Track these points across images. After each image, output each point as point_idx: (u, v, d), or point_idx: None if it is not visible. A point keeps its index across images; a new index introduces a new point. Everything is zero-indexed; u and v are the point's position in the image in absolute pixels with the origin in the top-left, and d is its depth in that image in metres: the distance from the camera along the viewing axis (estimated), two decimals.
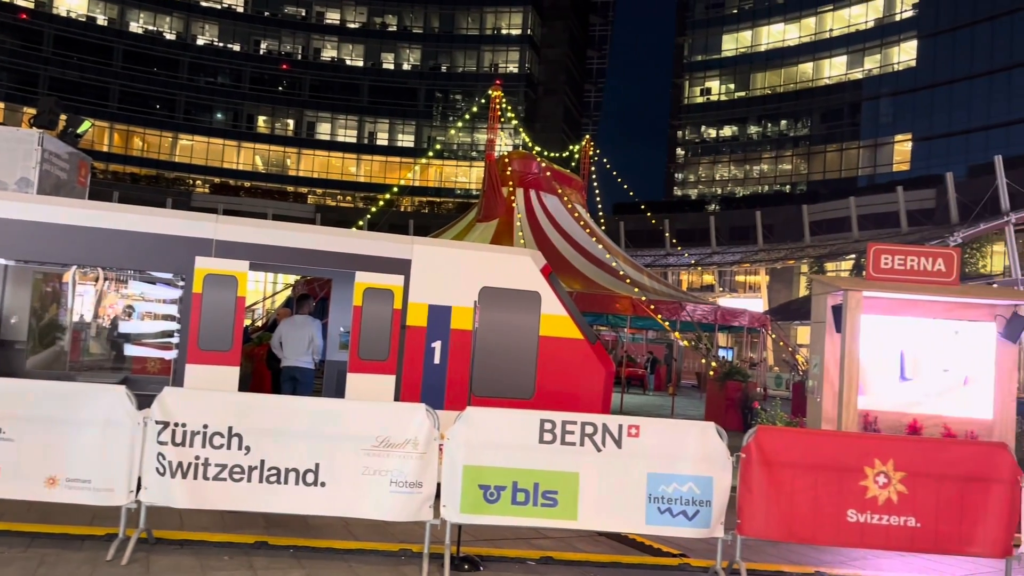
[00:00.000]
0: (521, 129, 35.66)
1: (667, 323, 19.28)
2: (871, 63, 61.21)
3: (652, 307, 18.18)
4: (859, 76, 61.80)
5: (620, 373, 26.34)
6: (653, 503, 6.01)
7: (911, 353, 9.65)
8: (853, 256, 40.30)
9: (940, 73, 56.42)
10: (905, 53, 59.14)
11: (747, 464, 6.00)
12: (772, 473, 5.95)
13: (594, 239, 21.66)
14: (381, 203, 28.05)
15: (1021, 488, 5.85)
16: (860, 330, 9.25)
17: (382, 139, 69.83)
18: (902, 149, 59.36)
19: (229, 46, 67.82)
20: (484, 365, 8.44)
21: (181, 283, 8.21)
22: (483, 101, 23.16)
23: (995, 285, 28.86)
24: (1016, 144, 49.43)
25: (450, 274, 8.76)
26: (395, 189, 31.77)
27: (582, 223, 22.12)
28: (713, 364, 20.24)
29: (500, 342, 8.65)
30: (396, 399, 8.39)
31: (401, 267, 8.61)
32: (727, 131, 68.25)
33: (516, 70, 69.04)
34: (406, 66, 70.25)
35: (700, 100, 69.47)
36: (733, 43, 68.22)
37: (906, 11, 59.30)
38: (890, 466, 5.90)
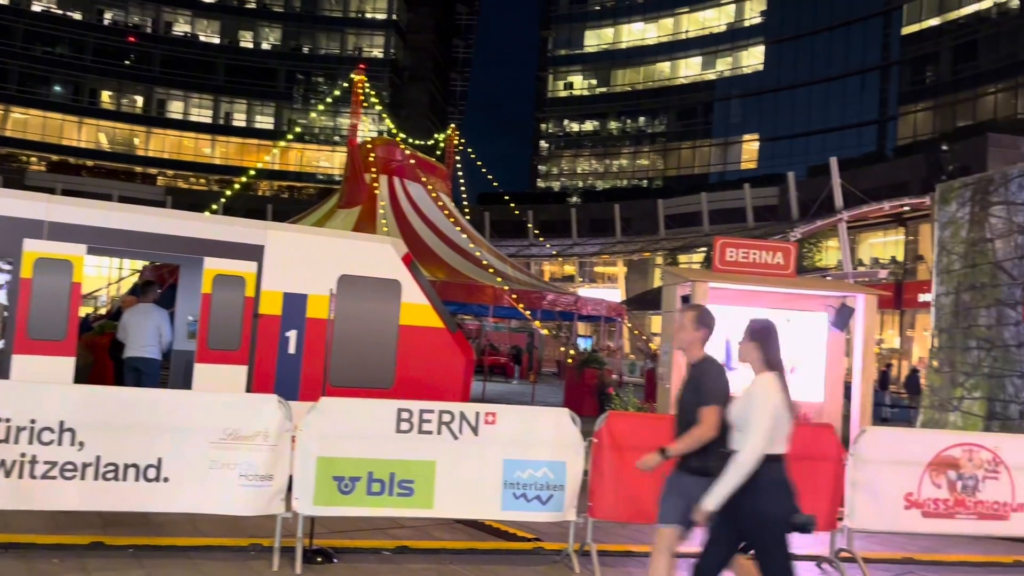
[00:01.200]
0: (385, 115, 35.22)
1: (529, 312, 19.58)
2: (723, 65, 64.31)
3: (515, 297, 18.40)
4: (712, 77, 64.78)
5: (483, 362, 26.61)
6: (509, 489, 6.10)
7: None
8: (704, 249, 42.27)
9: (784, 78, 60.03)
10: (753, 57, 62.52)
11: (598, 449, 6.18)
12: (622, 456, 6.16)
13: (458, 228, 21.67)
14: (237, 186, 26.96)
15: (845, 465, 6.33)
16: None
17: (239, 120, 67.11)
18: (750, 148, 62.79)
19: (69, 14, 63.14)
20: (342, 355, 8.30)
21: (8, 267, 7.60)
22: (346, 85, 22.62)
23: (828, 278, 31.02)
24: (849, 147, 53.36)
25: (306, 261, 8.54)
26: (252, 172, 30.64)
27: (446, 212, 22.08)
28: (572, 352, 20.75)
29: (358, 331, 8.52)
30: (248, 391, 8.12)
31: (253, 253, 8.31)
32: (589, 126, 69.95)
33: (381, 55, 68.02)
34: (265, 45, 67.75)
35: (563, 94, 70.84)
36: (595, 39, 69.93)
37: (754, 17, 62.63)
38: None
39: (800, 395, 10.31)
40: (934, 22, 52.29)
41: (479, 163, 25.66)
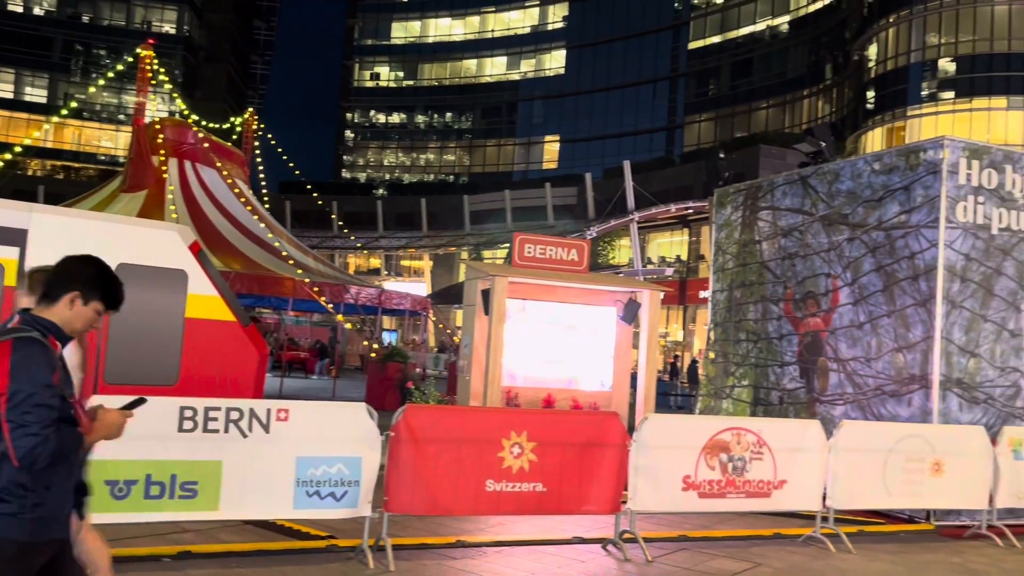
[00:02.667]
0: (176, 95, 33.06)
1: (331, 306, 19.14)
2: (527, 66, 66.11)
3: (316, 289, 17.91)
4: (516, 77, 66.41)
5: (281, 357, 25.69)
6: (301, 487, 5.92)
7: (547, 334, 10.59)
8: (507, 244, 43.29)
9: (584, 82, 62.70)
10: (556, 60, 64.78)
11: (396, 442, 6.14)
12: (419, 450, 6.16)
13: (256, 217, 20.76)
14: (2, 164, 24.26)
15: (628, 451, 6.69)
16: (506, 313, 9.95)
17: (5, 91, 60.47)
18: (551, 149, 65.03)
19: None
20: (119, 350, 7.67)
21: None
22: (131, 60, 20.99)
23: (620, 274, 32.79)
24: (642, 151, 56.67)
25: (78, 248, 7.78)
26: (18, 149, 27.66)
27: (243, 200, 21.08)
28: (375, 347, 20.53)
29: (138, 325, 7.90)
30: None
31: (15, 238, 7.48)
32: (396, 118, 69.51)
33: (173, 31, 63.76)
34: (38, 11, 61.47)
35: (370, 84, 69.90)
36: (403, 31, 69.57)
37: (557, 22, 64.89)
38: (524, 437, 6.41)
39: (593, 385, 10.84)
40: (716, 39, 56.73)
41: (280, 150, 24.73)
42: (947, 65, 39.77)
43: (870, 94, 42.36)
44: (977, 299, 8.50)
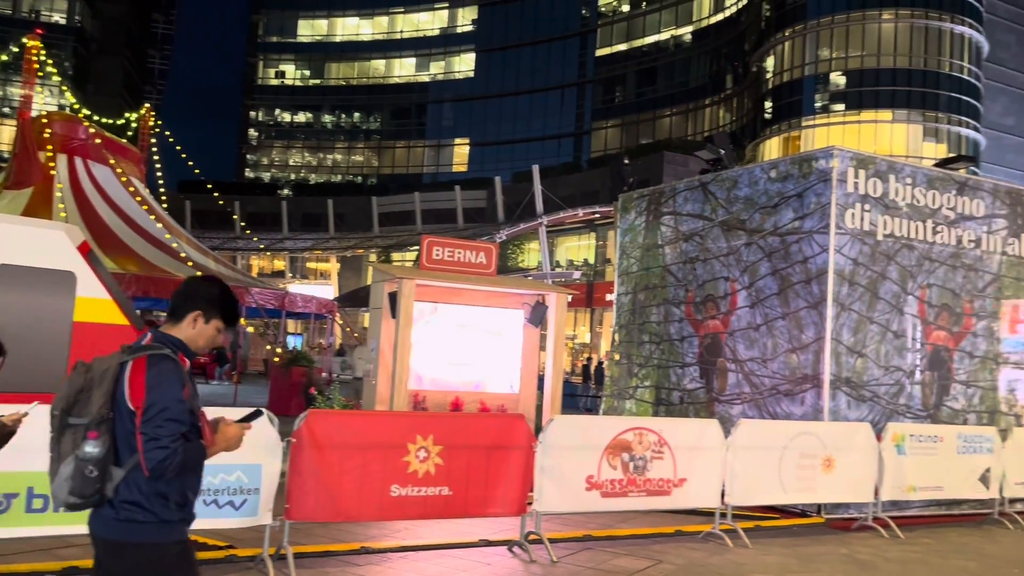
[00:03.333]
0: (66, 88, 31.48)
1: None
2: (436, 68, 65.91)
3: None
4: (425, 79, 66.12)
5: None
6: (199, 496, 5.72)
7: (454, 337, 10.57)
8: (416, 247, 43.04)
9: (493, 86, 62.94)
10: (465, 64, 64.82)
11: (297, 448, 6.00)
12: (322, 456, 6.04)
13: (153, 217, 19.97)
14: None
15: (534, 453, 6.74)
16: (413, 315, 9.87)
17: None
18: (461, 152, 65.02)
19: None
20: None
21: None
22: (17, 50, 19.89)
23: (529, 277, 33.07)
24: (550, 156, 57.27)
25: None
26: None
27: (139, 199, 20.26)
28: (279, 351, 20.06)
29: (21, 329, 7.48)
30: None
31: None
32: (302, 117, 68.19)
33: (63, 21, 60.80)
34: None
35: (275, 82, 68.37)
36: (309, 29, 68.32)
37: (466, 25, 64.97)
38: (430, 441, 6.37)
39: (501, 388, 10.87)
40: (622, 47, 57.91)
41: (179, 148, 23.86)
42: (838, 79, 41.72)
43: (768, 104, 44.03)
44: (864, 302, 8.93)
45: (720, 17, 52.06)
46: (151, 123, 23.08)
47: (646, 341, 11.27)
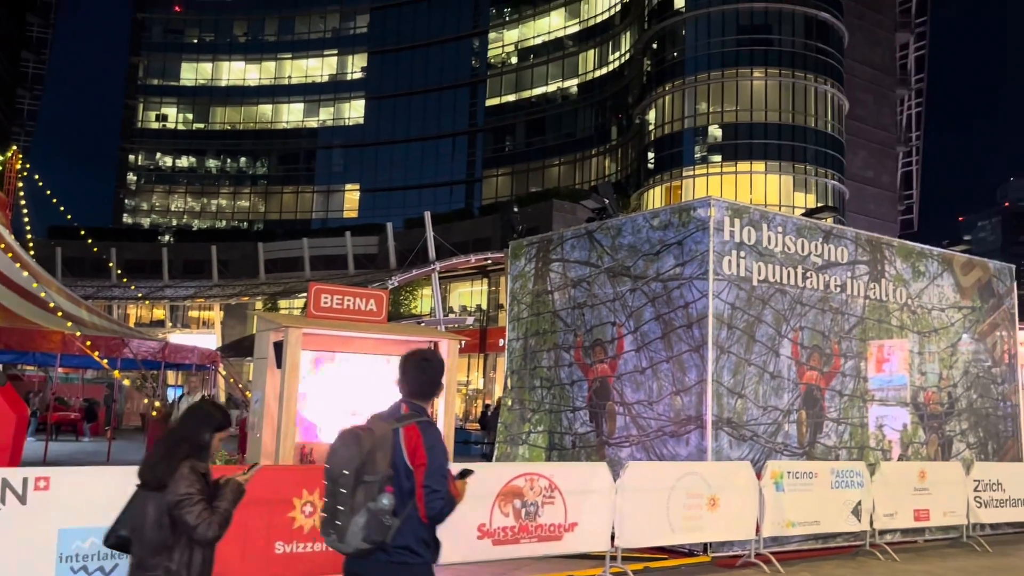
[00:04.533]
0: None
1: (106, 361, 17.64)
2: (325, 114, 65.49)
3: (89, 344, 16.45)
4: (315, 125, 65.55)
5: (47, 419, 23.26)
6: (66, 563, 5.36)
7: (344, 386, 10.37)
8: (305, 294, 42.17)
9: (384, 132, 63.01)
10: (355, 110, 64.68)
11: None
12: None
13: (18, 265, 18.84)
14: None
15: None
16: (300, 366, 9.63)
17: None
18: (351, 197, 64.48)
19: None
20: None
21: None
22: None
23: (422, 324, 32.87)
24: (442, 202, 57.58)
25: None
26: None
27: (3, 246, 19.10)
28: (157, 404, 19.13)
29: None
30: None
31: None
32: (184, 161, 66.20)
33: None
34: None
35: (156, 126, 66.25)
36: (193, 72, 66.77)
37: (356, 72, 65.01)
38: (316, 495, 6.20)
39: None
40: (511, 98, 59.21)
41: (49, 192, 22.70)
42: (715, 131, 43.91)
43: (650, 155, 45.81)
44: (742, 344, 9.32)
45: (604, 71, 54.05)
46: (18, 166, 21.90)
47: (538, 386, 11.37)
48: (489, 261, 36.53)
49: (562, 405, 10.88)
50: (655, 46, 46.08)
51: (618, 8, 52.93)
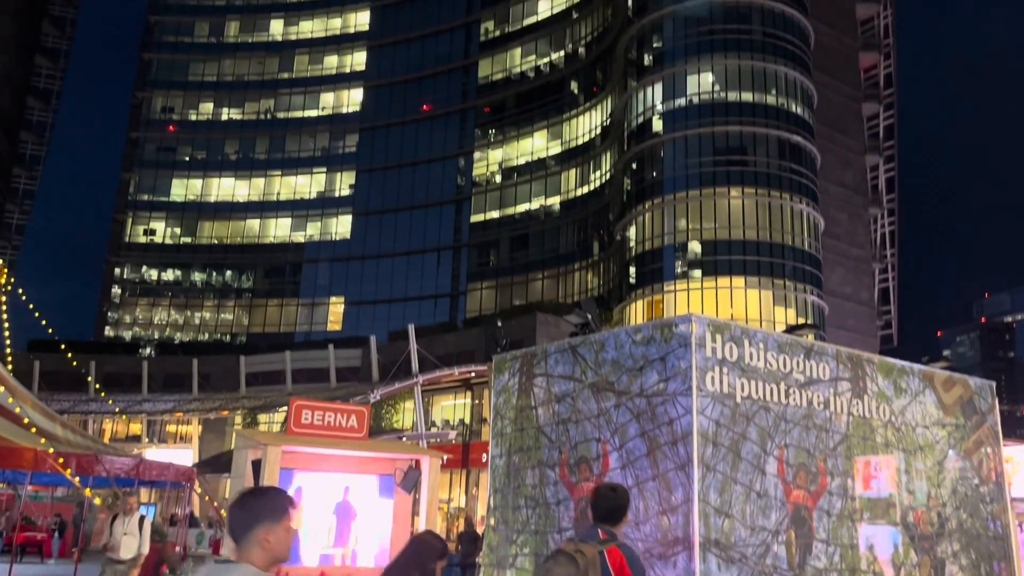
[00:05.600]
0: None
1: (77, 479, 17.18)
2: (313, 229, 66.50)
3: (61, 460, 16.06)
4: (301, 239, 66.43)
5: (12, 539, 22.42)
6: None
7: (323, 505, 10.12)
8: (285, 408, 41.59)
9: (370, 247, 63.86)
10: (342, 225, 65.76)
11: None
12: None
13: None
14: None
15: None
16: (277, 484, 9.42)
17: None
18: (336, 310, 64.66)
19: None
20: None
21: None
22: None
23: (404, 438, 32.36)
24: (426, 315, 57.80)
25: None
26: None
27: None
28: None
29: None
30: None
31: None
32: (170, 274, 66.52)
33: None
34: None
35: (143, 240, 66.91)
36: (183, 188, 68.07)
37: (344, 189, 66.49)
38: None
39: (367, 559, 10.36)
40: (495, 214, 60.50)
41: (32, 306, 22.66)
42: (695, 247, 44.83)
43: (632, 270, 46.53)
44: (728, 462, 9.23)
45: (586, 189, 55.55)
46: (2, 280, 21.94)
47: (522, 505, 11.11)
48: (473, 374, 36.37)
49: (548, 526, 10.61)
50: (635, 166, 47.59)
51: (599, 131, 54.94)
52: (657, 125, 46.62)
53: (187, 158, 68.32)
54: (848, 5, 57.15)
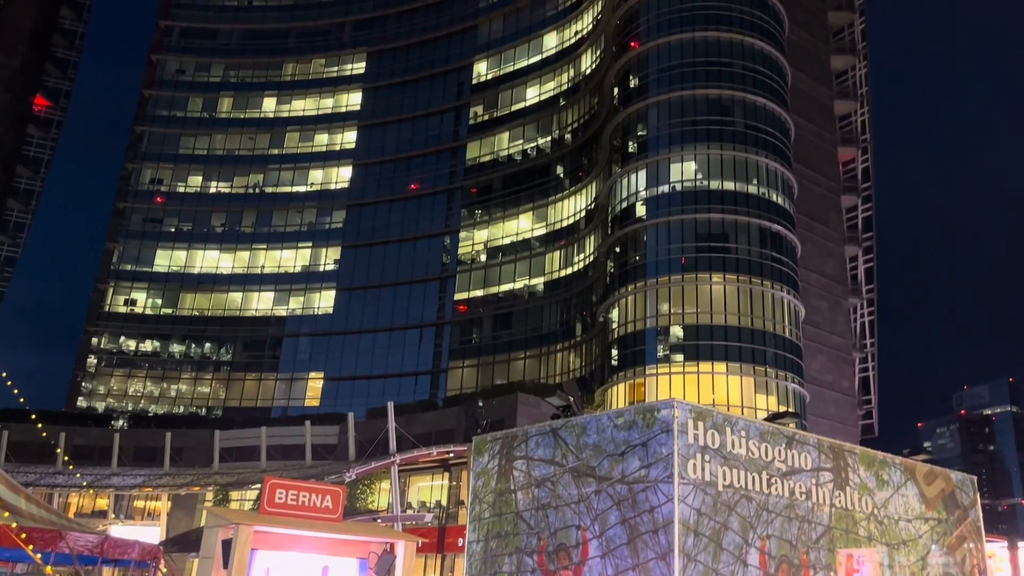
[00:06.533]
0: None
1: (39, 556, 16.54)
2: (295, 303, 66.31)
3: (24, 536, 15.50)
4: (283, 313, 66.15)
5: None
6: None
7: None
8: (259, 485, 40.61)
9: (352, 322, 63.64)
10: (325, 300, 65.66)
11: None
12: None
13: None
14: None
15: None
16: (249, 566, 9.13)
17: None
18: (315, 386, 63.93)
19: None
20: None
21: None
22: None
23: (379, 520, 31.61)
24: (406, 393, 57.25)
25: None
26: None
27: None
28: None
29: None
30: None
31: None
32: (148, 345, 65.80)
33: None
34: None
35: (123, 310, 66.40)
36: (167, 259, 68.01)
37: (328, 264, 66.66)
38: None
39: None
40: (479, 293, 60.69)
41: (3, 373, 22.27)
42: (677, 331, 44.99)
43: (614, 352, 46.51)
44: (709, 553, 9.07)
45: (570, 271, 55.99)
46: None
47: None
48: (451, 454, 35.82)
49: None
50: (618, 249, 48.13)
51: (583, 214, 55.73)
52: (640, 210, 47.38)
53: (173, 229, 68.47)
54: (827, 102, 59.06)
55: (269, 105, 71.73)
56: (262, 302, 66.42)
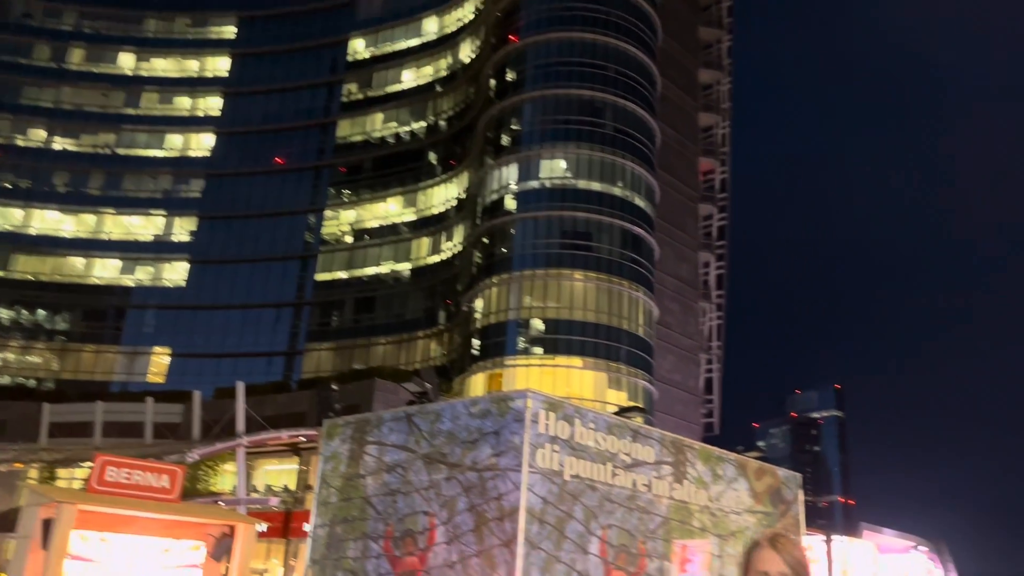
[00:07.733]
0: None
1: None
2: (143, 273, 62.81)
3: None
4: (130, 283, 62.54)
5: None
6: None
7: (123, 573, 9.28)
8: (91, 464, 38.24)
9: (205, 297, 60.94)
10: (177, 272, 62.52)
11: None
12: None
13: None
14: None
15: None
16: (68, 548, 8.56)
17: None
18: (159, 361, 60.84)
19: None
20: None
21: None
22: None
23: (221, 503, 30.46)
24: (259, 373, 55.44)
25: None
26: None
27: None
28: None
29: None
30: None
31: None
32: None
33: None
34: None
35: None
36: (0, 218, 62.79)
37: (182, 234, 63.54)
38: None
39: None
40: (342, 275, 59.52)
41: None
42: (538, 325, 45.81)
43: (475, 342, 46.82)
44: (552, 541, 9.27)
45: (437, 259, 55.85)
46: None
47: None
48: (302, 439, 34.95)
49: None
50: (486, 240, 48.43)
51: (454, 203, 55.70)
52: (510, 203, 47.85)
53: (9, 185, 63.24)
54: (692, 113, 61.64)
55: (126, 61, 67.43)
56: (107, 270, 62.47)
